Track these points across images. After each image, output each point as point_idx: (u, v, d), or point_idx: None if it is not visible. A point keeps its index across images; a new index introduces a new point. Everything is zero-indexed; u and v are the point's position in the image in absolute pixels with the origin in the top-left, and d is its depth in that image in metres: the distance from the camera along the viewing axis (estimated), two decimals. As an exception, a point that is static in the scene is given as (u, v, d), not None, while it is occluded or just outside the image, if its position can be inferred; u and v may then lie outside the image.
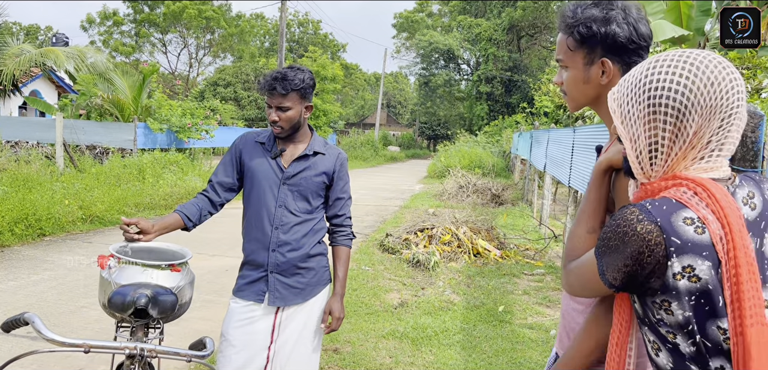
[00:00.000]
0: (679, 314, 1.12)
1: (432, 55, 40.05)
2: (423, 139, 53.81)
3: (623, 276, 1.17)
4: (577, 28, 1.45)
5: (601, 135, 5.58)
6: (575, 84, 1.51)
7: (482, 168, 20.52)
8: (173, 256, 2.29)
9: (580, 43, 1.46)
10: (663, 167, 1.18)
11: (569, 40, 1.48)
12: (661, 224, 1.10)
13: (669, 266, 1.10)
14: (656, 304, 1.15)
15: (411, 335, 4.74)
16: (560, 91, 1.59)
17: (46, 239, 7.82)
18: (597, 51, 1.45)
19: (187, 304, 2.20)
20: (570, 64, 1.51)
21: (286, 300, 2.48)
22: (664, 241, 1.10)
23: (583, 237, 1.37)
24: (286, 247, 2.47)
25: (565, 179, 7.61)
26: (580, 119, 10.52)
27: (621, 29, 1.41)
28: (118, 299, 1.97)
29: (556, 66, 16.61)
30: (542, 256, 8.08)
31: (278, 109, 2.42)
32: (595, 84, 1.48)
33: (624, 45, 1.42)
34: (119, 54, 39.53)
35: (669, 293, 1.12)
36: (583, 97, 1.52)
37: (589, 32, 1.43)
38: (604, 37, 1.42)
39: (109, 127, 15.59)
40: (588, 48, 1.46)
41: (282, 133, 2.46)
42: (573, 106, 1.57)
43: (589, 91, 1.50)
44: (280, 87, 2.39)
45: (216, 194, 2.56)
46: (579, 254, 1.36)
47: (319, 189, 2.53)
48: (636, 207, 1.15)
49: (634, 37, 1.42)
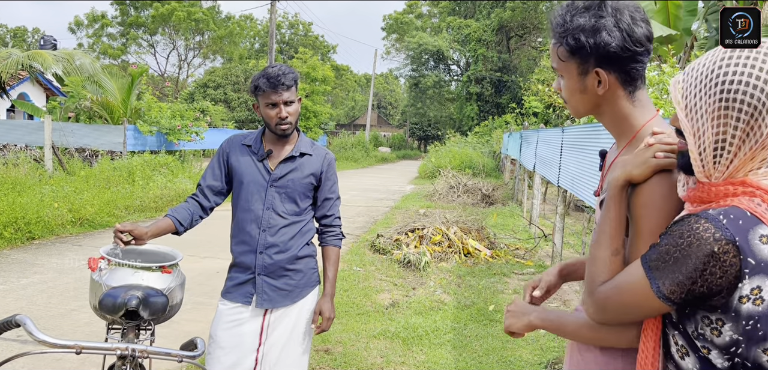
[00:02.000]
0: (728, 336, 1.04)
1: (422, 57, 40.14)
2: (414, 140, 53.89)
3: (685, 293, 1.07)
4: (565, 39, 1.36)
5: (589, 135, 5.63)
6: (572, 94, 1.43)
7: (473, 168, 20.59)
8: (164, 258, 2.30)
9: (571, 53, 1.37)
10: (727, 167, 1.09)
11: (560, 49, 1.39)
12: (739, 244, 1.01)
13: (738, 287, 1.02)
14: (707, 320, 1.08)
15: (402, 334, 4.77)
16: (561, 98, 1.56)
17: (35, 242, 7.78)
18: (590, 61, 1.35)
19: (178, 305, 2.22)
20: (564, 74, 1.43)
21: (274, 302, 2.49)
22: (739, 262, 1.01)
23: (608, 260, 1.26)
24: (273, 249, 2.47)
25: (554, 179, 7.66)
26: (569, 119, 10.59)
27: (612, 38, 1.30)
28: (109, 300, 1.97)
29: (545, 66, 16.73)
30: (532, 255, 8.13)
31: (286, 104, 2.43)
32: (591, 94, 1.39)
33: (617, 54, 1.32)
34: (107, 57, 39.29)
35: (728, 314, 1.04)
36: (582, 106, 1.44)
37: (577, 45, 1.34)
38: (594, 48, 1.32)
39: (98, 129, 15.50)
40: (579, 58, 1.36)
41: (290, 129, 2.47)
42: (575, 114, 1.49)
43: (587, 101, 1.42)
44: (286, 80, 2.40)
45: (205, 198, 2.56)
46: (606, 278, 1.25)
47: (306, 190, 2.54)
48: (708, 221, 1.04)
49: (628, 44, 1.31)
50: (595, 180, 5.06)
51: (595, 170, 5.13)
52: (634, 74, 1.36)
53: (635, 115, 1.39)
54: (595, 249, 1.29)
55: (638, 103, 1.39)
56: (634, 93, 1.38)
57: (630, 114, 1.39)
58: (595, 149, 5.25)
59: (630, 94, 1.38)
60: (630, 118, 1.39)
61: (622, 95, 1.38)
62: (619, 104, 1.39)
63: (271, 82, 2.41)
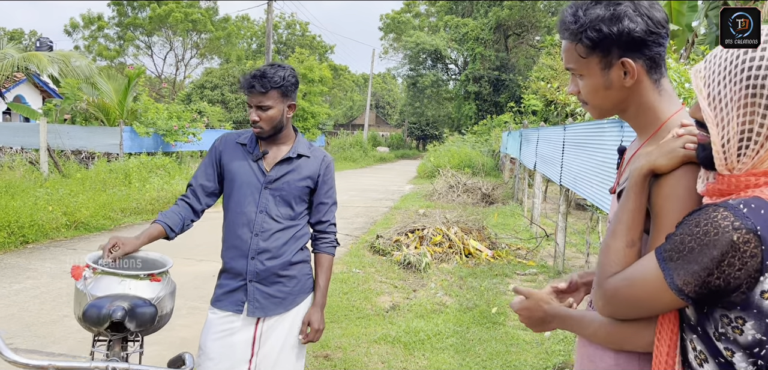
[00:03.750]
0: (751, 335, 0.98)
1: (419, 56, 40.01)
2: (412, 140, 53.76)
3: (700, 286, 1.02)
4: (585, 33, 1.28)
5: (592, 133, 5.52)
6: (595, 92, 1.34)
7: (472, 167, 20.49)
8: (153, 264, 2.18)
9: (592, 48, 1.29)
10: (753, 160, 1.03)
11: (578, 47, 1.31)
12: (761, 234, 0.95)
13: (760, 281, 0.96)
14: (726, 319, 1.01)
15: (403, 339, 4.65)
16: (579, 100, 1.42)
17: (28, 246, 7.64)
18: (613, 53, 1.28)
19: (168, 315, 2.10)
20: (585, 73, 1.34)
21: (267, 310, 2.36)
22: (761, 253, 0.95)
23: (622, 251, 1.20)
24: (265, 254, 2.35)
25: (556, 177, 7.55)
26: (570, 117, 10.48)
27: (635, 23, 1.24)
28: (93, 312, 1.85)
29: (544, 64, 16.61)
30: (534, 255, 8.02)
31: (258, 108, 2.31)
32: (619, 87, 1.31)
33: (642, 39, 1.25)
34: (104, 58, 39.12)
35: (749, 310, 0.98)
36: (608, 104, 1.35)
37: (599, 36, 1.26)
38: (618, 36, 1.25)
39: (94, 131, 15.38)
40: (601, 52, 1.28)
41: (263, 133, 2.35)
42: (597, 115, 1.41)
43: (613, 96, 1.33)
44: (259, 85, 2.29)
45: (197, 200, 2.44)
46: (618, 269, 1.20)
47: (302, 194, 2.42)
48: (727, 210, 0.99)
49: (652, 27, 1.25)
50: (599, 178, 4.95)
51: (599, 168, 5.01)
52: (658, 59, 1.29)
53: (661, 106, 1.32)
54: (610, 239, 1.24)
55: (664, 93, 1.32)
56: (660, 82, 1.32)
57: (656, 105, 1.32)
58: (598, 147, 5.14)
59: (656, 82, 1.31)
60: (656, 109, 1.32)
61: (649, 85, 1.31)
62: (646, 95, 1.32)
63: (245, 83, 2.33)
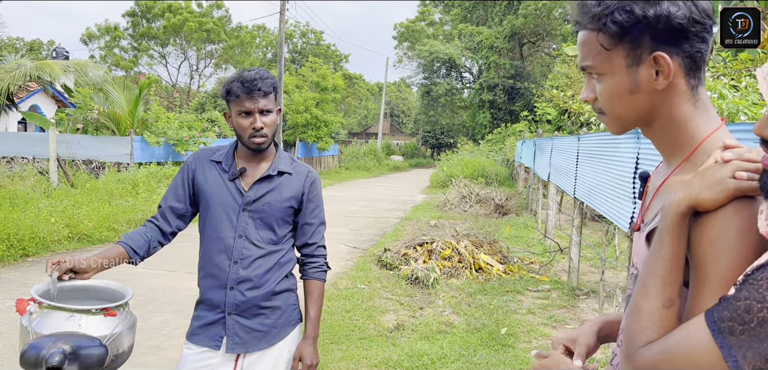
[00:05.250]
0: None
1: (433, 65, 39.86)
2: (426, 148, 53.50)
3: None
4: (611, 16, 1.00)
5: (608, 144, 5.23)
6: (618, 97, 1.06)
7: (485, 177, 20.18)
8: (112, 296, 1.96)
9: (619, 36, 1.01)
10: None
11: (600, 36, 1.03)
12: None
13: None
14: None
15: (405, 363, 4.39)
16: (594, 110, 1.13)
17: (28, 259, 7.51)
18: (645, 44, 1.00)
19: (126, 354, 1.86)
20: (606, 70, 1.05)
21: (248, 346, 2.13)
22: None
23: (658, 313, 0.93)
24: (246, 284, 2.12)
25: (569, 189, 7.26)
26: (585, 126, 10.18)
27: (677, 7, 0.97)
28: (32, 354, 1.63)
29: (560, 72, 16.30)
30: (547, 270, 7.73)
31: (262, 113, 2.09)
32: (648, 91, 1.03)
33: (684, 28, 0.97)
34: (119, 68, 39.42)
35: None
36: (631, 113, 1.07)
37: (631, 19, 0.98)
38: (655, 21, 0.97)
39: (105, 141, 15.36)
40: (631, 42, 1.01)
41: (265, 143, 2.13)
42: (617, 129, 1.11)
43: (639, 103, 1.05)
44: (264, 85, 2.07)
45: (166, 222, 2.21)
46: (653, 337, 0.92)
47: (285, 215, 2.19)
48: None
49: (697, 15, 0.97)
50: (614, 192, 4.66)
51: (613, 181, 4.72)
52: (699, 60, 1.00)
53: (697, 122, 1.03)
54: (641, 298, 0.94)
55: (701, 106, 1.03)
56: (697, 89, 1.02)
57: (690, 120, 1.03)
58: (613, 160, 4.85)
59: (693, 89, 1.02)
60: (690, 125, 1.03)
61: (685, 91, 1.02)
62: (679, 106, 1.02)
63: (245, 86, 2.07)
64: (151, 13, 40.05)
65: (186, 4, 39.77)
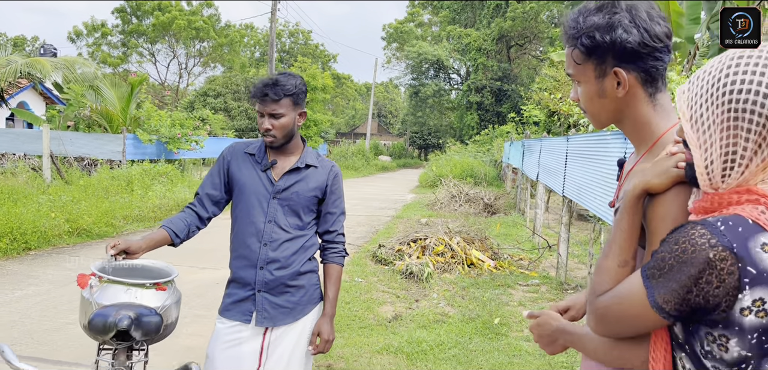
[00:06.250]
0: (736, 352, 0.98)
1: (422, 66, 40.14)
2: (414, 149, 53.77)
3: (680, 304, 1.02)
4: (580, 39, 1.31)
5: (596, 144, 5.52)
6: (591, 100, 1.36)
7: (474, 177, 20.47)
8: (158, 273, 2.18)
9: (588, 54, 1.31)
10: (738, 179, 1.03)
11: (575, 52, 1.34)
12: (737, 251, 0.96)
13: (739, 299, 0.96)
14: (711, 337, 1.01)
15: (406, 349, 4.63)
16: (580, 108, 1.45)
17: (31, 253, 7.65)
18: (607, 61, 1.29)
19: (173, 324, 2.09)
20: (581, 79, 1.36)
21: (275, 320, 2.36)
22: (738, 270, 0.95)
23: (614, 270, 1.21)
24: (274, 264, 2.35)
25: (558, 188, 7.54)
26: (573, 127, 10.48)
27: (629, 34, 1.25)
28: (99, 320, 1.85)
29: (547, 74, 16.64)
30: (536, 266, 8.01)
31: (271, 116, 2.32)
32: (612, 97, 1.32)
33: (636, 50, 1.26)
34: (107, 65, 39.25)
35: (731, 328, 0.98)
36: (603, 113, 1.37)
37: (594, 42, 1.28)
38: (610, 45, 1.26)
39: (97, 138, 15.41)
40: (597, 59, 1.30)
41: (275, 142, 2.36)
42: (595, 124, 1.42)
43: (607, 106, 1.35)
44: (273, 93, 2.30)
45: (203, 208, 2.44)
46: (609, 288, 1.20)
47: (310, 204, 2.43)
48: (704, 227, 0.99)
49: (647, 40, 1.25)
50: (603, 189, 4.94)
51: (602, 179, 5.01)
52: (654, 73, 1.29)
53: (656, 120, 1.32)
54: (602, 259, 1.24)
55: (659, 108, 1.32)
56: (655, 96, 1.32)
57: (650, 119, 1.32)
58: (602, 159, 5.14)
59: (651, 96, 1.31)
60: (650, 123, 1.32)
61: (643, 98, 1.31)
62: (640, 108, 1.32)
63: (257, 91, 2.34)
64: (140, 10, 39.93)
65: (176, 3, 39.70)
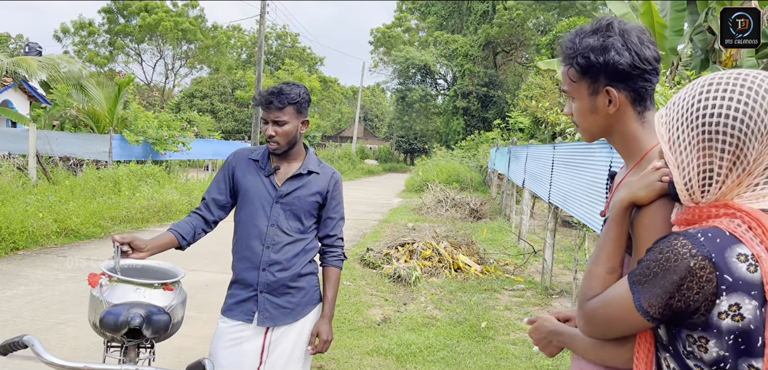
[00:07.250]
0: (714, 352, 1.06)
1: (409, 71, 40.33)
2: (400, 153, 53.98)
3: (663, 308, 1.10)
4: (575, 59, 1.41)
5: (582, 153, 5.67)
6: (583, 115, 1.47)
7: (460, 182, 20.66)
8: (165, 274, 2.25)
9: (582, 74, 1.42)
10: (716, 194, 1.12)
11: (570, 71, 1.44)
12: (715, 261, 1.04)
13: (717, 304, 1.04)
14: (691, 338, 1.09)
15: (395, 351, 4.73)
16: (573, 122, 1.55)
17: (19, 253, 7.63)
18: (600, 80, 1.40)
19: (179, 323, 2.17)
20: (575, 96, 1.47)
21: (276, 320, 2.45)
22: (716, 278, 1.04)
23: (603, 277, 1.29)
24: (276, 266, 2.44)
25: (544, 195, 7.69)
26: (559, 135, 10.66)
27: (620, 56, 1.35)
28: (111, 318, 1.92)
29: (533, 82, 16.86)
30: (522, 271, 8.15)
31: (275, 123, 2.41)
32: (603, 114, 1.42)
33: (627, 72, 1.36)
34: (94, 64, 38.94)
35: (709, 331, 1.06)
36: (594, 128, 1.47)
37: (588, 63, 1.39)
38: (603, 66, 1.36)
39: (83, 138, 15.32)
40: (590, 78, 1.41)
41: (279, 148, 2.45)
42: (587, 137, 1.51)
43: (599, 121, 1.45)
44: (277, 101, 2.39)
45: (209, 212, 2.53)
46: (598, 293, 1.29)
47: (312, 209, 2.52)
48: (686, 238, 1.08)
49: (637, 63, 1.35)
50: (588, 197, 5.09)
51: (588, 187, 5.15)
52: (643, 93, 1.40)
53: (644, 136, 1.42)
54: (592, 265, 1.33)
55: (647, 125, 1.42)
56: (644, 114, 1.42)
57: (639, 135, 1.42)
58: (588, 167, 5.29)
59: (639, 114, 1.42)
60: (639, 139, 1.42)
61: (632, 115, 1.42)
62: (629, 125, 1.42)
63: (262, 99, 2.43)
64: (127, 10, 39.68)
65: (161, 4, 39.51)
